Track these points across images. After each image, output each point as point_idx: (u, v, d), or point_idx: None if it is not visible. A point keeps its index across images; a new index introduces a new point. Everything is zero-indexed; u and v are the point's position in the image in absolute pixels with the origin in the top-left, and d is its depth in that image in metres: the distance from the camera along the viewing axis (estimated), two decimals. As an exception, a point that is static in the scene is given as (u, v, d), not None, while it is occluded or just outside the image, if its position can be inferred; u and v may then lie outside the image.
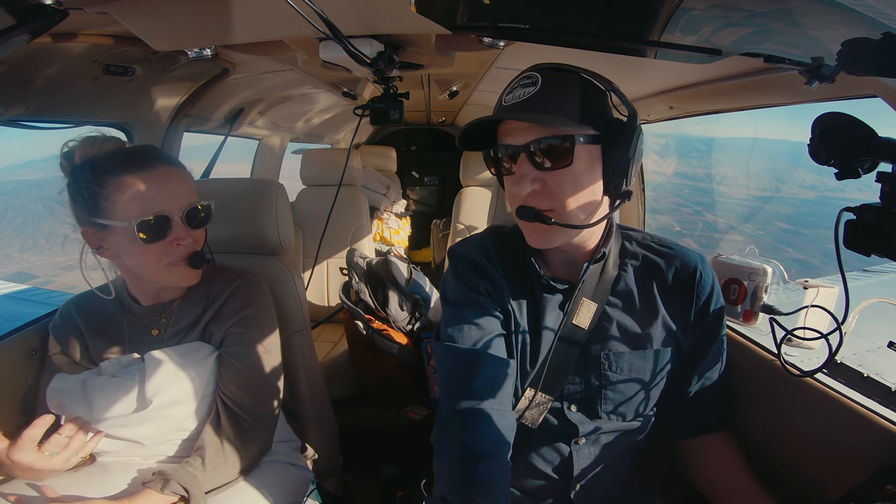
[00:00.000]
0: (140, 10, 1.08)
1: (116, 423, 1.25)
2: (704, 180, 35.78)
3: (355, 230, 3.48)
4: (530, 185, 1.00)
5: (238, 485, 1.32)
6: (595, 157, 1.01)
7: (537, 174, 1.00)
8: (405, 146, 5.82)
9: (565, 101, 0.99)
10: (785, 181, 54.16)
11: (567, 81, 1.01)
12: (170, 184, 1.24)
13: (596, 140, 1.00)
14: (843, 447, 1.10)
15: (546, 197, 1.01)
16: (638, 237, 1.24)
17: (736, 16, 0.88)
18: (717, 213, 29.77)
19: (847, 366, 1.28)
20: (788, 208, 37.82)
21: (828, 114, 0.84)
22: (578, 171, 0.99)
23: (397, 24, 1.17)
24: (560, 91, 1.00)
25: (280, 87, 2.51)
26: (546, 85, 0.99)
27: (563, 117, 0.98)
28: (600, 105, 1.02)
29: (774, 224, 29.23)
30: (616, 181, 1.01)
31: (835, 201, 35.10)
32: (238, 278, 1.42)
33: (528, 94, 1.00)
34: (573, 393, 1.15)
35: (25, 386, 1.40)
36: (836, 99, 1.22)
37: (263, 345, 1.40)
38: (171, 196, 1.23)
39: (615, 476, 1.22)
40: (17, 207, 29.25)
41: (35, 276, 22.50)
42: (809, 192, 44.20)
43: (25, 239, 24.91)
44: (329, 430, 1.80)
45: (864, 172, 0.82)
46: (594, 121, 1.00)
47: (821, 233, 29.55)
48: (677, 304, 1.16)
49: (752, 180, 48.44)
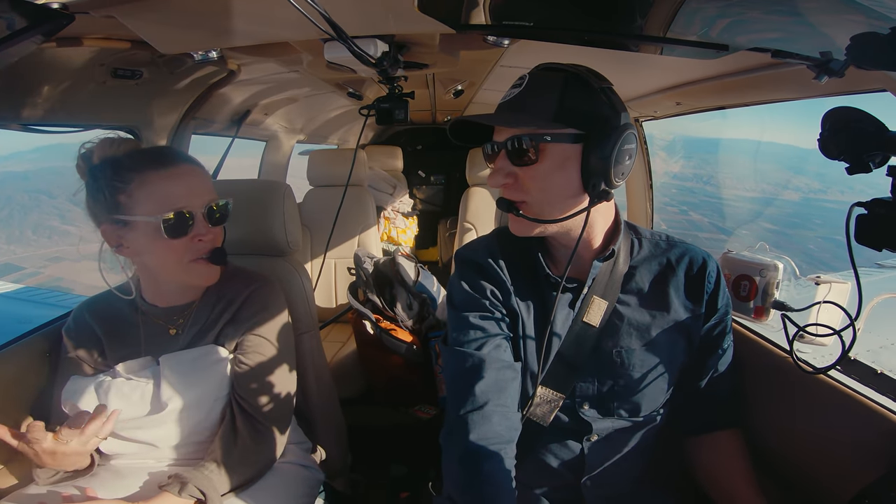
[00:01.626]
0: (146, 13, 1.08)
1: (131, 426, 1.26)
2: (691, 180, 35.67)
3: (362, 230, 3.48)
4: (503, 179, 1.07)
5: (252, 487, 1.33)
6: (570, 155, 1.02)
7: (511, 169, 1.06)
8: (411, 146, 5.82)
9: (541, 101, 1.02)
10: (770, 182, 53.78)
11: (549, 81, 1.03)
12: (191, 181, 1.26)
13: (575, 139, 1.01)
14: (856, 445, 1.09)
15: (519, 190, 1.07)
16: (646, 234, 1.24)
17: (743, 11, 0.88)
18: (703, 213, 29.76)
19: (860, 362, 1.27)
20: (773, 209, 37.58)
21: (838, 108, 0.84)
22: (547, 168, 1.03)
23: (402, 24, 1.17)
24: (539, 91, 1.03)
25: (285, 88, 2.52)
26: (529, 85, 1.04)
27: (534, 116, 1.02)
28: (586, 103, 1.02)
29: (759, 224, 29.13)
30: (594, 180, 1.02)
31: (818, 203, 35.06)
32: (255, 282, 1.42)
33: (513, 94, 1.05)
34: (585, 390, 1.15)
35: (38, 388, 1.41)
36: (845, 93, 1.21)
37: (278, 349, 1.40)
38: (192, 193, 1.24)
39: (626, 473, 1.22)
40: (3, 199, 29.31)
41: (22, 268, 22.52)
42: (794, 193, 43.84)
43: (12, 231, 25.00)
44: (338, 429, 1.81)
45: (875, 167, 0.81)
46: (576, 119, 1.01)
47: (803, 233, 29.40)
48: (687, 299, 1.17)
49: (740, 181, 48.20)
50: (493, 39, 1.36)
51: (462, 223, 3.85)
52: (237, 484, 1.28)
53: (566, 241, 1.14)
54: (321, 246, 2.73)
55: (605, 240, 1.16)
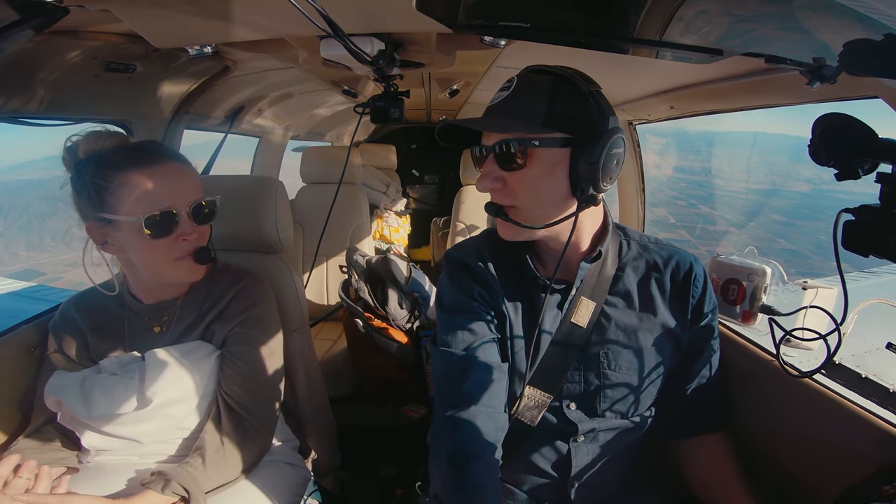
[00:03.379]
0: (141, 7, 1.07)
1: (115, 422, 1.24)
2: (700, 174, 35.83)
3: (355, 228, 3.47)
4: (491, 183, 1.06)
5: (237, 485, 1.32)
6: (559, 159, 1.02)
7: (500, 173, 1.06)
8: (405, 144, 5.82)
9: (529, 105, 1.01)
10: (780, 174, 54.05)
11: (538, 84, 1.02)
12: (176, 179, 1.24)
13: (564, 143, 1.01)
14: (841, 448, 1.10)
15: (507, 195, 1.07)
16: (635, 236, 1.25)
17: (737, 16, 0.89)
18: (712, 206, 29.91)
19: (846, 367, 1.28)
20: (783, 201, 37.77)
21: (828, 114, 0.84)
22: (536, 172, 1.03)
23: (399, 22, 1.17)
24: (527, 95, 1.02)
25: (281, 84, 2.51)
26: (518, 88, 1.03)
27: (522, 121, 1.01)
28: (575, 107, 1.02)
29: (767, 216, 29.22)
30: (582, 184, 1.02)
31: (830, 194, 35.07)
32: (243, 278, 1.41)
33: (502, 97, 1.05)
34: (572, 391, 1.16)
35: (23, 384, 1.39)
36: (837, 100, 1.22)
37: (266, 345, 1.39)
38: (177, 192, 1.23)
39: (614, 475, 1.23)
40: (21, 206, 29.13)
41: (43, 273, 22.41)
42: (805, 185, 44.06)
43: (31, 237, 24.84)
44: (327, 428, 1.80)
45: (864, 173, 0.82)
46: (564, 124, 1.01)
47: (813, 224, 29.53)
48: (675, 303, 1.18)
49: (749, 174, 48.45)
50: (490, 40, 1.36)
51: (455, 222, 3.85)
52: (222, 482, 1.27)
53: (554, 245, 1.14)
54: (313, 243, 2.72)
55: (594, 241, 1.16)
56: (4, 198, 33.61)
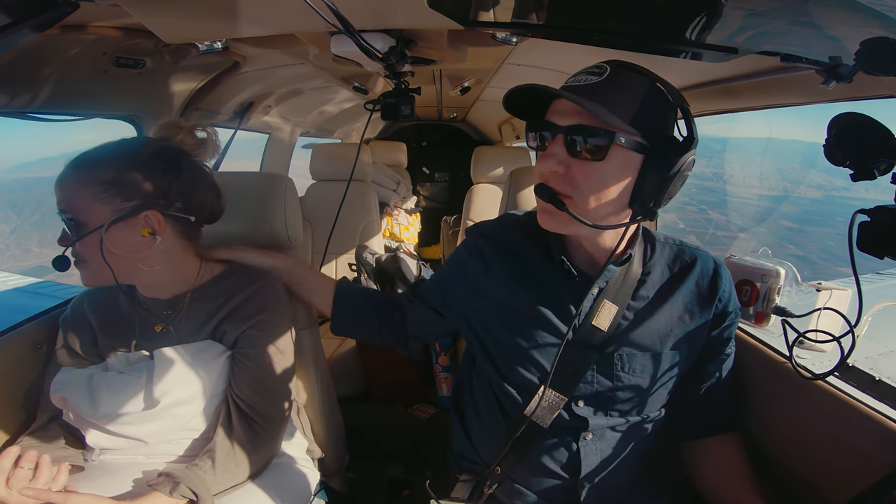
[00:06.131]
0: (151, 2, 1.08)
1: (121, 421, 1.23)
2: (711, 179, 35.50)
3: (365, 226, 3.47)
4: (555, 166, 0.98)
5: (245, 486, 1.30)
6: (632, 164, 0.98)
7: (567, 158, 0.98)
8: (416, 142, 5.81)
9: (624, 99, 0.96)
10: (792, 181, 53.59)
11: (634, 81, 0.98)
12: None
13: (641, 149, 0.97)
14: (853, 451, 1.09)
15: (567, 183, 1.00)
16: (659, 238, 1.22)
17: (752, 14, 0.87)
18: (723, 212, 29.71)
19: (859, 369, 1.27)
20: (794, 207, 37.40)
21: (844, 114, 0.83)
22: (607, 170, 0.97)
23: (409, 18, 1.17)
24: (623, 88, 0.97)
25: (291, 80, 2.51)
26: (612, 78, 0.97)
27: (614, 113, 0.95)
28: (661, 117, 0.99)
29: (777, 222, 28.96)
30: (644, 197, 0.98)
31: (841, 200, 34.68)
32: (258, 280, 1.40)
33: (590, 80, 0.98)
34: (583, 391, 1.15)
35: (29, 381, 1.39)
36: (853, 99, 1.21)
37: (278, 348, 1.38)
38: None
39: (624, 476, 1.21)
40: (34, 203, 29.32)
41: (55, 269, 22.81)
42: (816, 191, 43.59)
43: (44, 234, 25.04)
44: (336, 428, 1.80)
45: (879, 174, 0.81)
46: (647, 130, 0.97)
47: (823, 230, 29.24)
48: (698, 308, 1.16)
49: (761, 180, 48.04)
50: (502, 37, 1.36)
51: (466, 221, 3.84)
52: (231, 484, 1.25)
53: (589, 245, 1.12)
54: (322, 241, 2.72)
55: (621, 243, 1.11)
56: (18, 195, 33.91)
